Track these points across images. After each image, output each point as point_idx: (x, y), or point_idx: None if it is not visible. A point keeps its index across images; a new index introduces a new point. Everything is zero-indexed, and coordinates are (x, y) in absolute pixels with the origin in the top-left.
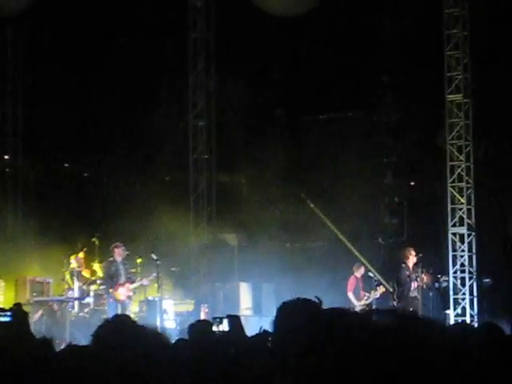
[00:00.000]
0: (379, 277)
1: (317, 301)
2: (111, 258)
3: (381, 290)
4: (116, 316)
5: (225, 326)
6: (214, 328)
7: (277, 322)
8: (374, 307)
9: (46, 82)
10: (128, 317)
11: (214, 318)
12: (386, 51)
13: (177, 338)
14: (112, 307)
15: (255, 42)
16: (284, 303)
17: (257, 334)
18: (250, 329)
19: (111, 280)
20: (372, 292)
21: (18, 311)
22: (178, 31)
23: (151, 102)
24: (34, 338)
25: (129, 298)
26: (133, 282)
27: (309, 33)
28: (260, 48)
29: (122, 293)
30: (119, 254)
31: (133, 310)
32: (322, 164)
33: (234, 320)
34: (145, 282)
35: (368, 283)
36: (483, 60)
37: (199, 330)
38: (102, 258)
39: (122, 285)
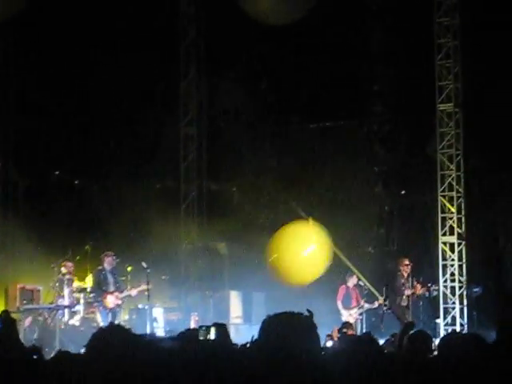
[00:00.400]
0: (369, 285)
1: (307, 314)
2: (100, 267)
3: (380, 301)
4: (110, 324)
5: (212, 335)
6: (201, 337)
7: (261, 333)
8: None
9: (37, 89)
10: (121, 325)
11: (201, 327)
12: (376, 60)
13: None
14: (104, 315)
15: (245, 50)
16: (269, 317)
17: (248, 343)
18: (240, 337)
19: (100, 289)
20: (364, 303)
21: (5, 318)
22: (169, 39)
23: (142, 110)
24: (22, 344)
25: (118, 306)
26: (122, 291)
27: (300, 41)
28: (250, 56)
29: (110, 301)
30: (109, 262)
31: (123, 318)
32: (313, 173)
33: (221, 328)
34: (133, 292)
35: (360, 292)
36: (474, 69)
37: (188, 338)
38: (93, 267)
39: (111, 293)
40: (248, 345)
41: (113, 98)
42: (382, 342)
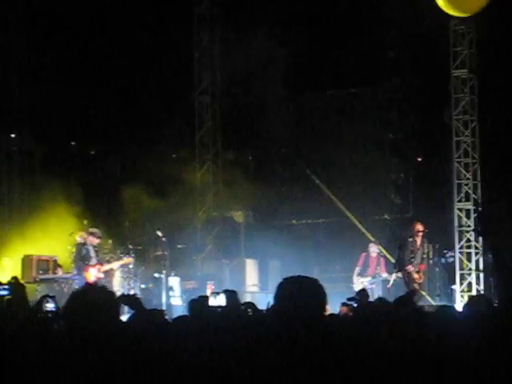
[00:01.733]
0: (385, 253)
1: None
2: (83, 241)
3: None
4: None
5: (222, 301)
6: (211, 302)
7: (277, 297)
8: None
9: (51, 59)
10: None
11: (212, 293)
12: (390, 27)
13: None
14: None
15: (259, 18)
16: (285, 279)
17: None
18: (257, 305)
19: (82, 262)
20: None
21: (15, 285)
22: (183, 7)
23: (157, 79)
24: (31, 310)
25: (99, 279)
26: (102, 264)
27: (313, 9)
28: (264, 24)
29: (92, 274)
30: (91, 241)
31: (139, 287)
32: (328, 141)
33: (231, 295)
34: (115, 265)
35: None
36: (489, 35)
37: (198, 304)
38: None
39: (93, 266)
40: (265, 311)
41: (127, 68)
42: None
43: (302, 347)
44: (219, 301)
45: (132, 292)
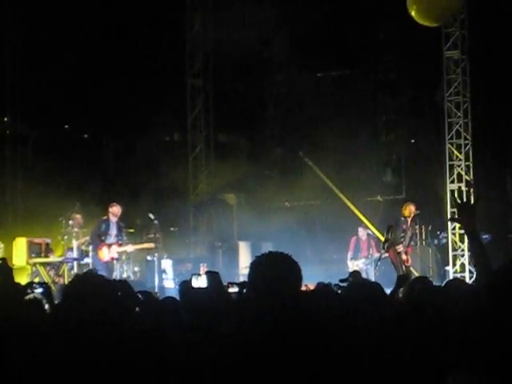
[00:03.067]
0: (378, 234)
1: None
2: (105, 217)
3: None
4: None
5: (203, 282)
6: (193, 283)
7: (250, 275)
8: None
9: (44, 43)
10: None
11: (193, 275)
12: (381, 8)
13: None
14: (98, 266)
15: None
16: (257, 257)
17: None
18: None
19: (99, 238)
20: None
21: (3, 265)
22: None
23: (149, 63)
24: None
25: (113, 259)
26: (120, 245)
27: None
28: (257, 6)
29: (105, 253)
30: (113, 213)
31: (132, 270)
32: (321, 122)
33: (213, 276)
34: (129, 248)
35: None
36: (480, 16)
37: (185, 286)
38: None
39: (109, 246)
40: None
41: (119, 51)
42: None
43: (279, 323)
44: (200, 282)
45: (125, 275)
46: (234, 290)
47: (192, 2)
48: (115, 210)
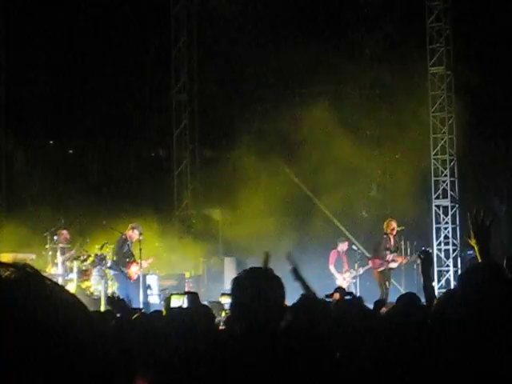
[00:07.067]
0: (363, 250)
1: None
2: (125, 237)
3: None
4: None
5: (184, 303)
6: (172, 303)
7: (233, 291)
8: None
9: (28, 58)
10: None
11: (171, 294)
12: (365, 23)
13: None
14: (123, 285)
15: (237, 15)
16: (239, 273)
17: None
18: None
19: (124, 258)
20: (355, 269)
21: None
22: (160, 6)
23: (134, 78)
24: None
25: (138, 276)
26: (138, 262)
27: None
28: (243, 20)
29: (134, 271)
30: (131, 237)
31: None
32: (306, 137)
33: (193, 297)
34: (145, 264)
35: (353, 258)
36: (465, 32)
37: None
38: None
39: (137, 263)
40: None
41: (105, 67)
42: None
43: (262, 339)
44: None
45: (110, 291)
46: (226, 300)
47: (177, 18)
48: (136, 233)
